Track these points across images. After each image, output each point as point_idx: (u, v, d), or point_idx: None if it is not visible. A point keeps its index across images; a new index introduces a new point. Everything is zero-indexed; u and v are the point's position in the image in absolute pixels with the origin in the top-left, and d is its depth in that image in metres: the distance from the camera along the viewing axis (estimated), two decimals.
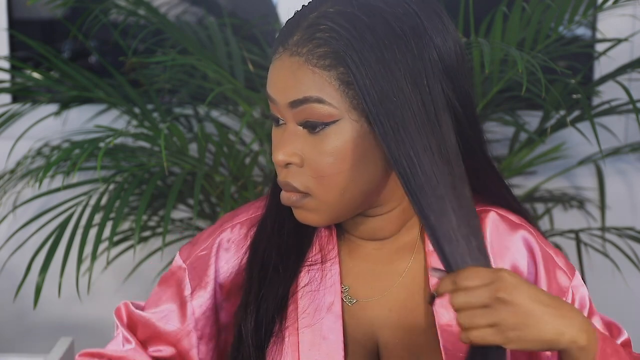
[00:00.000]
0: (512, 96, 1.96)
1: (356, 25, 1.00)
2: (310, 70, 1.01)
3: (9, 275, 2.04)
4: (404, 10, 1.01)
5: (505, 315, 0.94)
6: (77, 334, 1.99)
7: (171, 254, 2.09)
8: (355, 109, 1.01)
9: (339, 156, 1.02)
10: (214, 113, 2.13)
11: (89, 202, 1.78)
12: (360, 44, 0.99)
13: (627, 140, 2.23)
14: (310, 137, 1.03)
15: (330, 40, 1.00)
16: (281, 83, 1.03)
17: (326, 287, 1.11)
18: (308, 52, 1.01)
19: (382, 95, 0.99)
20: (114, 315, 1.20)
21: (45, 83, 2.01)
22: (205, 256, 1.17)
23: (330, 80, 1.00)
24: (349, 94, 1.01)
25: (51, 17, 2.36)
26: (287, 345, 1.10)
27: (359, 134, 1.02)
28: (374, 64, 0.99)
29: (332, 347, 1.09)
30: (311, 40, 1.01)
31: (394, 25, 1.00)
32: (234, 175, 1.86)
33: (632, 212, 2.25)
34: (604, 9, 1.77)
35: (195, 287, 1.16)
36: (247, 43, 2.03)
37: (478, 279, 0.95)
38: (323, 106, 1.01)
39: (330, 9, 1.02)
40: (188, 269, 1.17)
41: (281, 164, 1.04)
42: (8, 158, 2.01)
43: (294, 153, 1.03)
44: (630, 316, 2.26)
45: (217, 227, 1.19)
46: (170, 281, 1.18)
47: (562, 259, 1.14)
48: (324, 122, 1.01)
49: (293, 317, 1.11)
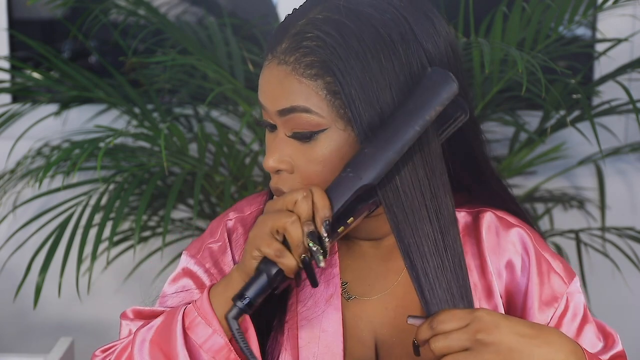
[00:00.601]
0: (512, 96, 1.96)
1: (343, 34, 0.99)
2: (297, 79, 1.01)
3: (9, 275, 2.04)
4: (392, 16, 1.01)
5: (489, 357, 0.95)
6: (77, 334, 2.00)
7: (171, 254, 2.10)
8: (342, 118, 1.01)
9: (327, 164, 1.02)
10: (214, 113, 2.13)
11: (89, 202, 1.78)
12: (347, 53, 0.99)
13: (627, 140, 2.23)
14: (300, 145, 1.03)
15: (316, 49, 1.00)
16: (270, 91, 1.04)
17: (326, 281, 1.12)
18: (295, 61, 1.01)
19: (367, 105, 0.99)
20: (119, 318, 1.19)
21: (45, 83, 2.01)
22: (221, 247, 1.16)
23: (317, 90, 1.01)
24: (335, 104, 1.01)
25: (51, 17, 2.36)
26: (286, 338, 1.11)
27: (347, 142, 1.02)
28: (360, 73, 0.99)
29: (331, 340, 1.10)
30: (298, 49, 1.01)
31: (382, 32, 1.00)
32: (234, 175, 1.86)
33: (632, 212, 2.25)
34: (604, 9, 1.77)
35: (210, 268, 1.15)
36: (247, 43, 2.03)
37: (454, 322, 0.96)
38: (310, 116, 1.01)
39: (318, 15, 1.02)
40: (201, 259, 1.16)
41: (271, 170, 1.05)
42: (8, 158, 2.01)
43: (284, 160, 1.04)
44: (630, 316, 2.26)
45: (222, 218, 1.19)
46: (182, 276, 1.18)
47: (559, 263, 1.14)
48: (311, 131, 1.02)
49: (293, 311, 1.12)
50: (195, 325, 1.03)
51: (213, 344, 1.02)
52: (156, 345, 1.05)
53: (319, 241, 0.96)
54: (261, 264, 0.98)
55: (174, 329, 1.04)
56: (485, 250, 1.11)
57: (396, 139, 0.97)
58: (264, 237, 0.98)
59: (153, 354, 1.05)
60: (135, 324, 1.14)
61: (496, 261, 1.12)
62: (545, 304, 1.11)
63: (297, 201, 0.97)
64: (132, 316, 1.16)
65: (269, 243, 0.97)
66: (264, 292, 0.98)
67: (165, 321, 1.07)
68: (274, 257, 0.97)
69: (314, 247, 0.96)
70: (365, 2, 1.02)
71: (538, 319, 1.10)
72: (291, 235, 0.96)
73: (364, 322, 1.12)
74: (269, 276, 0.98)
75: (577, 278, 1.14)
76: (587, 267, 2.12)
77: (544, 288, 1.11)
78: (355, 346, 1.12)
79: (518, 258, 1.12)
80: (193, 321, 1.03)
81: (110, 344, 1.14)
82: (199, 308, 1.04)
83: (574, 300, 1.12)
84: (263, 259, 0.99)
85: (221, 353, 1.02)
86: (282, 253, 0.97)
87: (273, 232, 0.97)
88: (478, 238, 1.12)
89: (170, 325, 1.05)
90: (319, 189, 0.98)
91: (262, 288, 0.98)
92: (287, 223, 0.96)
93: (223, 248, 1.16)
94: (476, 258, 1.12)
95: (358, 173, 0.98)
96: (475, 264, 1.12)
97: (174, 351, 1.03)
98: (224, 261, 1.16)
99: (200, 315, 1.03)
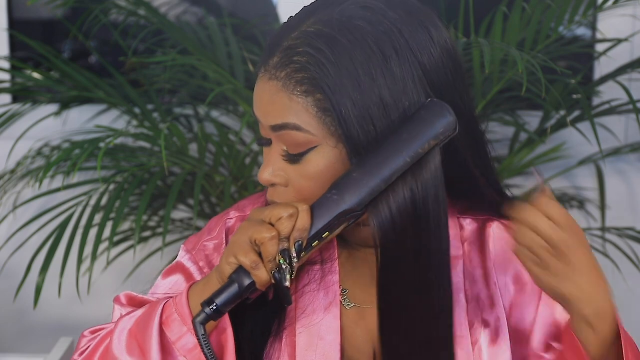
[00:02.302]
0: (512, 96, 1.96)
1: (334, 49, 0.98)
2: (288, 96, 1.00)
3: (9, 275, 2.04)
4: (385, 29, 0.99)
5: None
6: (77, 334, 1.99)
7: (171, 254, 2.09)
8: (333, 135, 1.00)
9: (318, 180, 1.02)
10: (214, 113, 2.13)
11: (89, 202, 1.78)
12: (337, 70, 0.98)
13: (627, 140, 2.23)
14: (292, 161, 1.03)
15: (307, 66, 0.99)
16: (262, 106, 1.04)
17: (325, 288, 1.11)
18: (286, 76, 1.00)
19: (359, 122, 0.98)
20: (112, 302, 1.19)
21: (45, 83, 2.01)
22: (217, 245, 1.16)
23: (307, 107, 1.00)
24: (326, 121, 1.00)
25: (51, 17, 2.36)
26: (284, 345, 1.10)
27: (338, 158, 1.01)
28: (351, 90, 0.98)
29: (328, 347, 1.09)
30: (288, 65, 1.00)
31: (374, 47, 0.99)
32: (234, 175, 1.86)
33: (632, 212, 2.25)
34: (604, 9, 1.77)
35: (203, 267, 1.16)
36: (247, 43, 2.03)
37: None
38: (300, 133, 1.00)
39: (310, 29, 1.00)
40: (195, 256, 1.17)
41: (266, 183, 1.05)
42: (8, 158, 2.01)
43: (277, 174, 1.04)
44: (630, 316, 2.26)
45: (223, 217, 1.19)
46: (176, 270, 1.18)
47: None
48: (301, 151, 1.01)
49: (291, 317, 1.11)
50: (171, 322, 1.04)
51: (186, 343, 1.03)
52: (133, 335, 1.06)
53: (289, 260, 0.97)
54: (234, 273, 0.99)
55: (150, 322, 1.04)
56: (490, 261, 1.10)
57: (385, 167, 0.97)
58: (243, 245, 0.99)
59: (129, 344, 1.05)
60: (125, 309, 1.14)
61: (502, 273, 1.10)
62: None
63: (282, 218, 0.98)
64: (124, 301, 1.16)
65: (247, 252, 0.98)
66: (234, 301, 0.99)
67: (145, 313, 1.07)
68: (249, 268, 0.98)
69: (284, 265, 0.97)
70: (358, 15, 1.00)
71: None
72: (267, 250, 0.97)
73: (362, 330, 1.12)
74: (240, 286, 0.99)
75: None
76: None
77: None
78: (353, 354, 1.11)
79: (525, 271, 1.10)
80: (169, 317, 1.04)
81: (99, 326, 1.15)
82: (177, 304, 1.04)
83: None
84: (237, 268, 0.99)
85: (192, 353, 1.03)
86: (257, 265, 0.98)
87: (252, 241, 0.98)
88: (483, 247, 1.11)
89: (149, 317, 1.05)
90: (306, 210, 0.99)
91: (231, 297, 0.99)
92: (265, 238, 0.97)
93: (218, 246, 1.16)
94: (480, 267, 1.10)
95: (342, 196, 0.98)
96: (479, 273, 1.10)
97: (148, 344, 1.03)
98: (217, 259, 1.15)
99: (177, 312, 1.04)
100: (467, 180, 1.08)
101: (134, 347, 1.05)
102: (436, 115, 0.98)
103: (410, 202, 0.99)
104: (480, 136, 1.08)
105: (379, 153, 0.98)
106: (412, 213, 0.99)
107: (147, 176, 1.81)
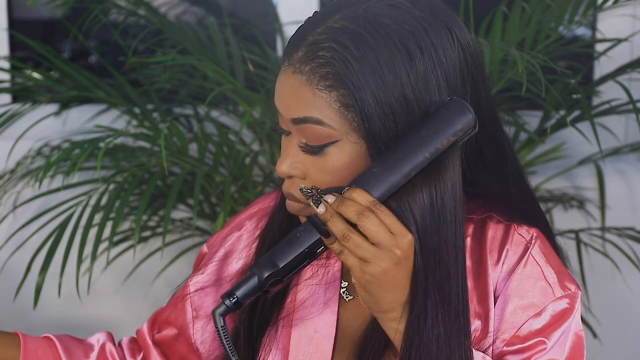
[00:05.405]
0: (512, 96, 1.96)
1: (359, 46, 0.99)
2: (311, 90, 1.01)
3: (9, 275, 2.04)
4: (411, 27, 1.00)
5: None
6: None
7: (171, 254, 2.10)
8: (355, 131, 1.01)
9: (337, 175, 1.02)
10: (214, 113, 2.13)
11: (89, 202, 1.78)
12: (362, 66, 0.99)
13: (627, 140, 2.23)
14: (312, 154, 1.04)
15: (331, 61, 1.00)
16: (284, 99, 1.04)
17: (327, 283, 1.13)
18: (310, 71, 1.01)
19: (381, 119, 0.99)
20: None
21: (45, 83, 2.01)
22: (222, 239, 1.22)
23: (331, 102, 1.00)
24: (348, 116, 1.00)
25: (51, 17, 2.36)
26: (279, 335, 1.12)
27: (359, 154, 1.02)
28: (375, 87, 0.99)
29: (321, 340, 1.11)
30: (313, 59, 1.01)
31: (399, 45, 0.99)
32: (234, 175, 1.86)
33: (632, 212, 2.25)
34: (604, 9, 1.77)
35: (200, 265, 1.21)
36: (247, 43, 2.03)
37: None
38: (322, 127, 1.01)
39: (336, 24, 1.01)
40: (207, 253, 1.23)
41: (284, 175, 1.05)
42: (8, 158, 2.01)
43: (296, 166, 1.04)
44: (630, 316, 2.26)
45: (241, 213, 1.23)
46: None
47: (554, 276, 1.08)
48: (322, 143, 1.02)
49: (290, 309, 1.13)
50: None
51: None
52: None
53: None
54: (254, 267, 1.00)
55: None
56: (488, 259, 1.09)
57: (405, 163, 0.98)
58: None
59: None
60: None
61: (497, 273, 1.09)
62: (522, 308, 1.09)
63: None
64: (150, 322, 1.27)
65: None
66: (253, 294, 1.00)
67: None
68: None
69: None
70: (384, 12, 1.01)
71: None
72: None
73: (359, 322, 1.12)
74: (259, 279, 0.99)
75: (572, 298, 1.08)
76: (587, 267, 2.12)
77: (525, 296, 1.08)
78: (347, 345, 1.12)
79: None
80: None
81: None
82: None
83: (553, 313, 1.07)
84: (255, 262, 1.00)
85: None
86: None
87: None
88: (482, 244, 1.10)
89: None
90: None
91: (251, 290, 1.00)
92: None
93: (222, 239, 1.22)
94: (477, 263, 1.11)
95: None
96: (474, 268, 1.10)
97: None
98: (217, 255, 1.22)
99: None
100: (496, 172, 1.08)
101: None
102: (456, 113, 0.99)
103: (429, 197, 0.99)
104: (501, 136, 1.09)
105: (398, 149, 0.99)
106: (430, 208, 0.99)
107: (147, 176, 1.81)
